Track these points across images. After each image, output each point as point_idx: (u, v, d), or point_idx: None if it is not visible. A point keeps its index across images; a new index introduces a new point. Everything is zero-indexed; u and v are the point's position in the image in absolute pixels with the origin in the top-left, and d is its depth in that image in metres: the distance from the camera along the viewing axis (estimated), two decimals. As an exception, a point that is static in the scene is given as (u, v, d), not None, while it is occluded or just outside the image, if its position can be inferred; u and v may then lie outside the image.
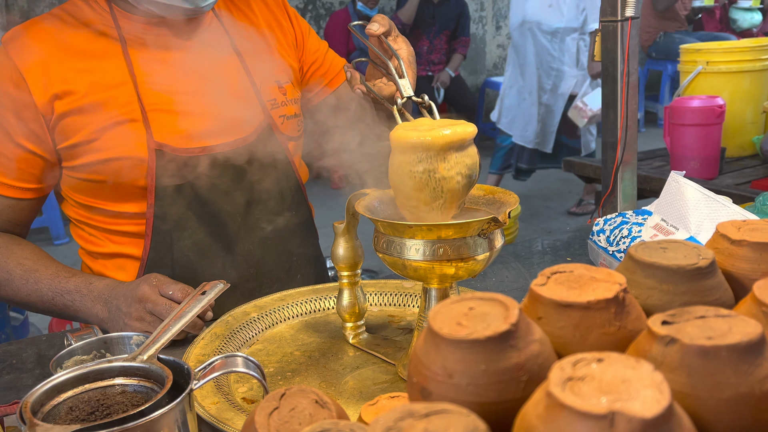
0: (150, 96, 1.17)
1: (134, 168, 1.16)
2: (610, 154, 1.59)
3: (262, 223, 1.28)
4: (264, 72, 1.29)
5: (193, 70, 1.21)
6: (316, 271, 1.42)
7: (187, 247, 1.22)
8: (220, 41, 1.27)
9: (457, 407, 0.40)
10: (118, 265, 1.25)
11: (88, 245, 1.27)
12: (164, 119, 1.17)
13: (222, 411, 0.87)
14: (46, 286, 1.14)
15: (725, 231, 0.60)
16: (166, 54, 1.20)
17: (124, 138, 1.15)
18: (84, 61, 1.16)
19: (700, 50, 2.67)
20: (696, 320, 0.44)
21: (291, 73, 1.35)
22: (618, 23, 1.49)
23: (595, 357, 0.40)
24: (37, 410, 0.65)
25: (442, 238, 0.85)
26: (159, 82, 1.18)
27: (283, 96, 1.31)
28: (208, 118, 1.20)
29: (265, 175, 1.25)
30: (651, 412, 0.35)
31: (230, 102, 1.23)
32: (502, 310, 0.46)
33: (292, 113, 1.32)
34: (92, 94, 1.14)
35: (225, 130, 1.22)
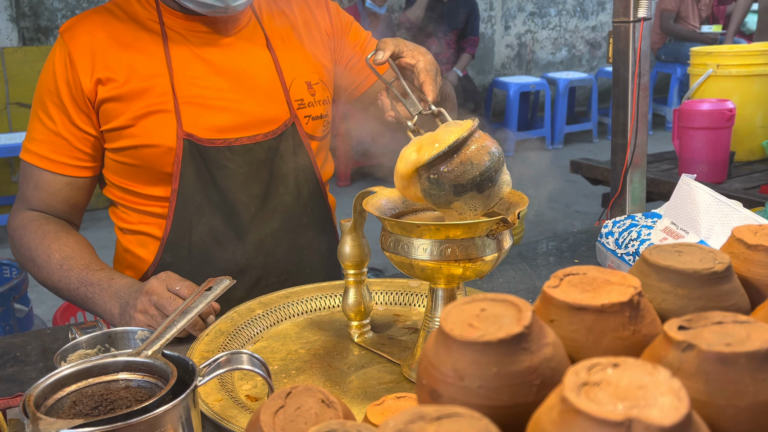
0: (183, 89, 1.23)
1: (163, 155, 1.23)
2: (620, 156, 1.57)
3: (276, 216, 1.32)
4: (295, 72, 1.33)
5: (227, 67, 1.27)
6: (328, 267, 1.45)
7: (204, 231, 1.28)
8: (256, 40, 1.32)
9: (469, 411, 0.39)
10: (140, 242, 1.32)
11: (120, 222, 1.35)
12: (194, 111, 1.24)
13: (226, 408, 0.86)
14: (75, 275, 1.18)
15: (741, 235, 0.59)
16: (203, 50, 1.27)
17: (156, 127, 1.22)
18: (127, 52, 1.23)
19: (711, 53, 2.65)
20: (713, 326, 0.43)
21: (324, 73, 1.38)
22: (630, 24, 1.48)
23: (610, 362, 0.39)
24: (41, 404, 0.65)
25: (450, 238, 0.84)
26: (193, 76, 1.25)
27: (312, 97, 1.35)
28: (235, 113, 1.26)
29: (284, 171, 1.31)
30: (669, 419, 0.34)
31: (258, 99, 1.29)
32: (514, 312, 0.45)
33: (318, 114, 1.36)
34: (131, 83, 1.21)
35: (250, 126, 1.27)
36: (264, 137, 1.28)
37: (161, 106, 1.22)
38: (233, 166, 1.26)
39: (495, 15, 7.32)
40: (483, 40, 7.19)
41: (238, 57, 1.29)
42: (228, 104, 1.26)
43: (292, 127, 1.31)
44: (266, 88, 1.30)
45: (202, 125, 1.24)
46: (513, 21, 7.46)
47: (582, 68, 7.91)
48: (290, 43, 1.35)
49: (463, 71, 5.67)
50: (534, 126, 6.88)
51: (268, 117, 1.29)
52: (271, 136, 1.29)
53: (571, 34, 7.79)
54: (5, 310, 2.36)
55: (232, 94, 1.26)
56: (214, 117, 1.25)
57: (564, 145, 6.83)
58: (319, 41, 1.39)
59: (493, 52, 7.38)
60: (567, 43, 7.81)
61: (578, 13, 7.81)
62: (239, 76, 1.28)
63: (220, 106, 1.25)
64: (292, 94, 1.32)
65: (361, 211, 1.02)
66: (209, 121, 1.24)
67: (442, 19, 5.40)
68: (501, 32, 7.40)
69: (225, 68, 1.27)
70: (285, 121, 1.30)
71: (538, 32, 7.61)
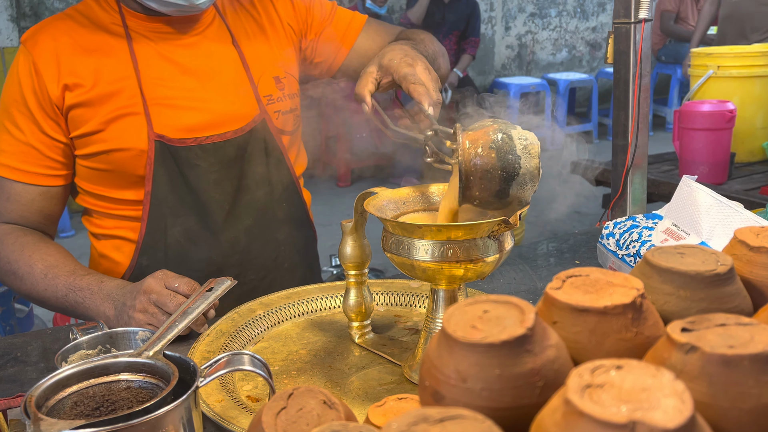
0: (152, 90, 1.23)
1: (135, 158, 1.22)
2: (621, 157, 1.57)
3: (250, 213, 1.32)
4: (262, 68, 1.33)
5: (194, 66, 1.27)
6: (306, 261, 1.45)
7: (179, 232, 1.28)
8: (221, 37, 1.32)
9: (471, 413, 0.39)
10: (115, 246, 1.31)
11: (94, 228, 1.34)
12: (164, 113, 1.23)
13: (227, 409, 0.86)
14: (62, 282, 1.17)
15: (744, 237, 0.59)
16: (169, 51, 1.26)
17: (126, 130, 1.21)
18: (92, 57, 1.22)
19: (711, 54, 2.65)
20: (716, 328, 0.43)
21: (291, 67, 1.39)
22: (631, 25, 1.48)
23: (614, 364, 0.39)
24: (42, 404, 0.65)
25: (452, 239, 0.84)
26: (160, 77, 1.24)
27: (281, 92, 1.35)
28: (205, 112, 1.26)
29: (256, 166, 1.31)
30: (673, 422, 0.34)
31: (227, 97, 1.28)
32: (517, 314, 0.45)
33: (288, 108, 1.36)
34: (98, 88, 1.21)
35: (220, 124, 1.27)
36: (234, 134, 1.28)
37: (130, 109, 1.21)
38: (205, 164, 1.26)
39: (495, 16, 7.32)
40: (483, 40, 7.18)
41: (205, 55, 1.29)
42: (197, 103, 1.26)
43: (262, 123, 1.31)
44: (234, 86, 1.30)
45: (173, 126, 1.23)
46: (513, 22, 7.46)
47: (582, 69, 7.91)
48: (256, 39, 1.35)
49: (464, 72, 5.66)
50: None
51: (238, 114, 1.29)
52: (240, 133, 1.29)
53: (571, 35, 7.79)
54: (5, 310, 2.36)
55: (200, 93, 1.26)
56: (184, 117, 1.24)
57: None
58: (284, 35, 1.39)
59: (494, 52, 7.38)
60: (567, 44, 7.81)
61: (578, 14, 7.81)
62: (207, 75, 1.28)
63: (190, 106, 1.25)
64: (260, 90, 1.32)
65: (362, 211, 1.01)
66: (179, 121, 1.24)
67: (444, 21, 5.40)
68: (501, 33, 7.40)
69: (192, 67, 1.27)
70: (254, 118, 1.30)
71: (539, 33, 7.61)
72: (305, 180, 1.51)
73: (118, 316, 1.10)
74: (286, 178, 1.37)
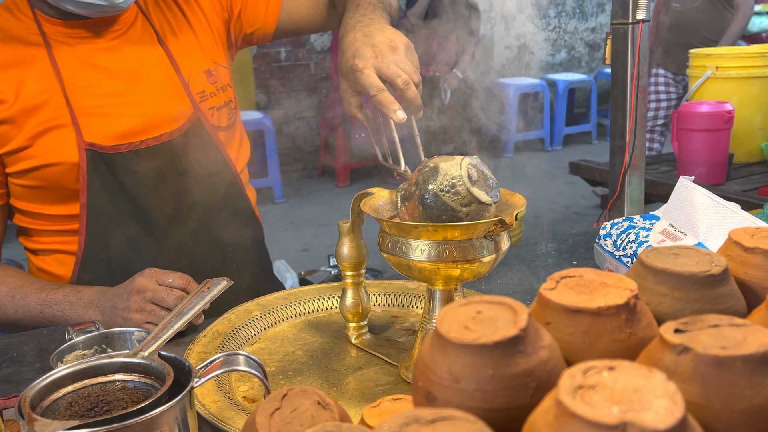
0: (78, 99, 1.18)
1: (67, 172, 1.18)
2: (618, 158, 1.57)
3: (193, 215, 1.29)
4: (192, 63, 1.29)
5: (120, 70, 1.23)
6: (256, 259, 1.42)
7: (121, 242, 1.24)
8: (146, 37, 1.27)
9: (464, 413, 0.39)
10: (56, 260, 1.27)
11: (30, 244, 1.29)
12: (93, 121, 1.19)
13: (222, 410, 0.86)
14: (33, 300, 1.15)
15: (738, 238, 0.59)
16: (92, 56, 1.21)
17: (55, 143, 1.16)
18: (11, 70, 1.17)
19: (710, 55, 2.65)
20: (709, 329, 0.43)
21: (221, 56, 1.34)
22: (629, 26, 1.48)
23: (606, 365, 0.39)
24: (36, 405, 0.65)
25: (448, 240, 0.84)
26: (86, 85, 1.19)
27: (213, 86, 1.31)
28: (136, 117, 1.22)
29: (195, 167, 1.27)
30: (664, 423, 0.34)
31: (158, 98, 1.24)
32: (510, 315, 0.45)
33: (222, 102, 1.32)
34: (21, 102, 1.15)
35: (153, 127, 1.23)
36: (169, 136, 1.24)
37: (57, 121, 1.16)
38: (141, 170, 1.22)
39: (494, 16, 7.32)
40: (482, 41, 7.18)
41: (130, 57, 1.24)
42: (127, 108, 1.21)
43: (198, 121, 1.27)
44: (165, 86, 1.25)
45: (104, 134, 1.19)
46: (512, 22, 7.46)
47: (581, 70, 7.91)
48: (182, 33, 1.30)
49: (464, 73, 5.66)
50: (533, 127, 6.89)
51: (171, 115, 1.24)
52: (176, 134, 1.24)
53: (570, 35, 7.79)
54: (3, 310, 2.35)
55: (129, 97, 1.22)
56: (115, 124, 1.20)
57: (563, 146, 6.83)
58: (207, 23, 1.34)
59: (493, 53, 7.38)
60: (566, 44, 7.82)
61: (577, 15, 7.82)
62: (134, 78, 1.23)
63: (120, 112, 1.21)
64: (192, 87, 1.28)
65: (359, 212, 1.01)
66: (110, 128, 1.19)
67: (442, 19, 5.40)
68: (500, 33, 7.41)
69: (118, 71, 1.22)
70: (189, 117, 1.26)
71: (538, 33, 7.61)
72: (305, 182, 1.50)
73: (108, 320, 1.09)
74: (227, 176, 1.33)
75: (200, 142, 1.27)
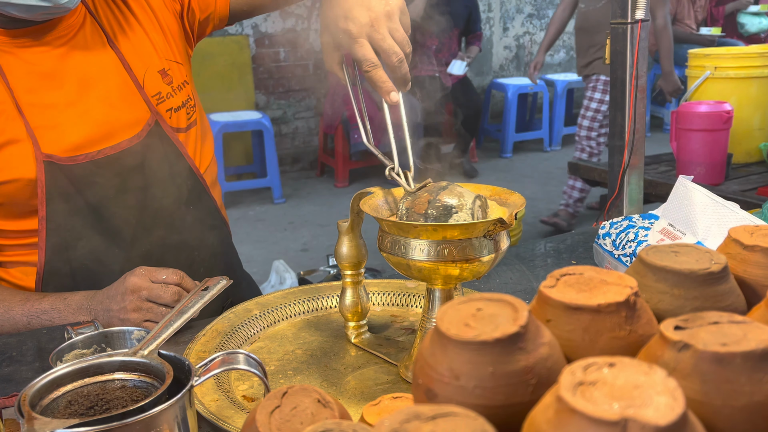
0: (31, 112, 1.14)
1: (24, 188, 1.14)
2: (617, 158, 1.58)
3: (158, 222, 1.26)
4: (145, 64, 1.25)
5: (71, 77, 1.18)
6: (223, 261, 1.40)
7: (84, 255, 1.20)
8: (95, 40, 1.22)
9: (464, 410, 0.39)
10: (21, 271, 1.24)
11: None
12: (49, 134, 1.15)
13: (222, 408, 0.86)
14: (18, 312, 1.13)
15: (738, 236, 0.59)
16: (40, 65, 1.16)
17: (10, 160, 1.13)
18: None
19: (708, 55, 2.66)
20: (709, 326, 0.43)
21: (174, 53, 1.30)
22: (628, 26, 1.48)
23: (606, 362, 0.39)
24: (36, 404, 0.64)
25: (448, 239, 0.84)
26: (38, 96, 1.15)
27: (169, 86, 1.27)
28: (92, 125, 1.18)
29: (156, 173, 1.24)
30: (665, 419, 0.34)
31: (113, 104, 1.20)
32: (510, 312, 0.45)
33: (179, 103, 1.28)
34: None
35: (110, 135, 1.20)
36: (128, 143, 1.20)
37: (12, 135, 1.12)
38: (102, 180, 1.18)
39: (493, 17, 7.33)
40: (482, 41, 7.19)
41: (81, 63, 1.19)
42: (81, 117, 1.17)
43: (156, 125, 1.23)
44: (118, 90, 1.21)
45: (60, 146, 1.15)
46: (511, 23, 7.47)
47: (580, 70, 7.92)
48: (133, 34, 1.25)
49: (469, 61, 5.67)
50: (532, 128, 6.89)
51: (128, 121, 1.21)
52: (135, 141, 1.20)
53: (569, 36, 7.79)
54: (2, 310, 2.35)
55: (84, 106, 1.18)
56: (70, 134, 1.16)
57: (562, 146, 6.84)
58: (156, 19, 1.29)
59: (491, 53, 7.39)
60: (565, 45, 7.82)
61: (576, 15, 7.82)
62: (86, 84, 1.18)
63: (74, 121, 1.16)
64: (147, 90, 1.23)
65: (359, 211, 1.01)
66: (66, 139, 1.15)
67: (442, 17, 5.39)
68: (499, 34, 7.41)
69: (68, 78, 1.17)
70: (147, 121, 1.22)
71: (537, 34, 7.62)
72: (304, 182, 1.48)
73: (102, 323, 1.08)
74: (189, 179, 1.30)
75: (160, 147, 1.23)
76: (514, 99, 6.48)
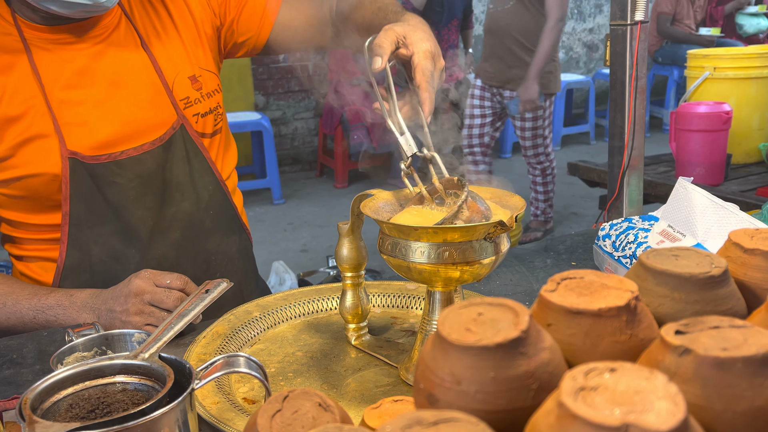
0: (60, 107, 1.16)
1: (49, 183, 1.16)
2: (617, 159, 1.58)
3: (175, 225, 1.27)
4: (176, 69, 1.27)
5: (102, 76, 1.20)
6: (240, 267, 1.40)
7: (104, 253, 1.22)
8: (129, 41, 1.24)
9: (466, 415, 0.39)
10: (40, 266, 1.26)
11: (15, 251, 1.29)
12: (75, 130, 1.17)
13: (223, 411, 0.86)
14: (25, 306, 1.14)
15: (738, 239, 0.59)
16: (74, 62, 1.19)
17: (37, 154, 1.15)
18: None
19: (708, 56, 2.66)
20: (710, 330, 0.43)
21: (207, 62, 1.32)
22: (627, 27, 1.48)
23: (607, 367, 0.39)
24: (37, 407, 0.64)
25: (448, 242, 0.84)
26: (68, 92, 1.17)
27: (198, 92, 1.29)
28: (119, 125, 1.20)
29: (178, 176, 1.26)
30: (666, 424, 0.34)
31: (141, 105, 1.22)
32: (512, 316, 0.45)
33: (207, 109, 1.30)
34: (2, 111, 1.13)
35: (135, 136, 1.21)
36: (151, 145, 1.22)
37: (39, 130, 1.14)
38: (123, 181, 1.20)
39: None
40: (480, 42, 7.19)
41: (113, 63, 1.21)
42: (108, 117, 1.19)
43: (181, 129, 1.25)
44: (147, 92, 1.23)
45: (85, 143, 1.17)
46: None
47: (579, 71, 7.92)
48: (167, 38, 1.27)
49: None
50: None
51: (154, 123, 1.22)
52: (158, 144, 1.22)
53: (568, 36, 7.80)
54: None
55: (111, 105, 1.20)
56: (96, 132, 1.18)
57: (561, 147, 6.84)
58: (196, 29, 1.31)
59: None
60: (564, 45, 7.83)
61: (576, 16, 7.83)
62: (117, 84, 1.21)
63: (101, 120, 1.18)
64: (176, 93, 1.25)
65: (359, 213, 1.01)
66: (92, 137, 1.17)
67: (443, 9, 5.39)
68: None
69: (100, 77, 1.19)
70: (173, 124, 1.24)
71: (536, 34, 7.62)
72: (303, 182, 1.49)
73: (105, 323, 1.08)
74: (211, 184, 1.31)
75: (183, 151, 1.25)
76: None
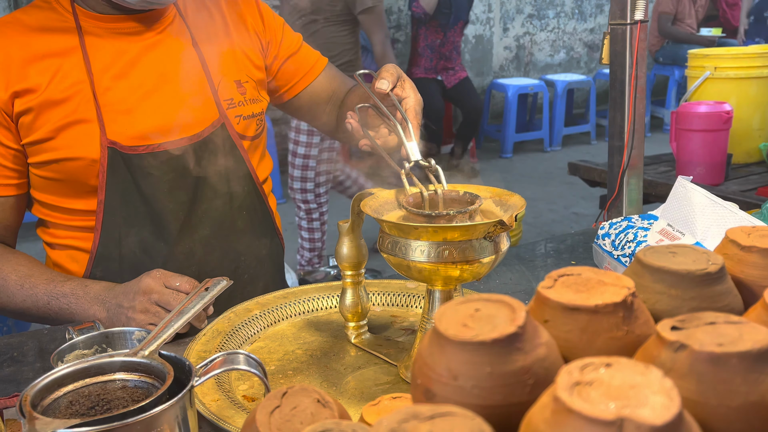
0: (105, 95, 1.19)
1: (87, 168, 1.18)
2: (617, 158, 1.58)
3: (206, 222, 1.28)
4: (223, 71, 1.29)
5: (151, 68, 1.23)
6: (270, 271, 1.41)
7: (134, 243, 1.24)
8: (181, 38, 1.27)
9: (462, 410, 0.39)
10: (70, 256, 1.27)
11: (47, 237, 1.30)
12: (117, 119, 1.19)
13: (222, 408, 0.87)
14: (41, 291, 1.15)
15: (735, 237, 0.59)
16: (126, 52, 1.21)
17: (78, 138, 1.17)
18: (43, 61, 1.17)
19: (708, 56, 2.66)
20: (706, 326, 0.44)
21: (254, 72, 1.35)
22: (627, 26, 1.48)
23: (603, 362, 0.39)
24: (37, 404, 0.65)
25: (448, 240, 0.84)
26: (115, 81, 1.20)
27: (242, 96, 1.31)
28: (161, 117, 1.22)
29: (213, 174, 1.26)
30: (661, 419, 0.34)
31: (184, 100, 1.24)
32: (508, 312, 0.45)
33: (249, 113, 1.32)
34: (49, 93, 1.16)
35: (175, 129, 1.23)
36: (189, 141, 1.23)
37: (82, 115, 1.17)
38: (158, 173, 1.21)
39: (493, 17, 7.33)
40: (481, 42, 7.20)
41: (163, 57, 1.24)
42: (151, 109, 1.21)
43: (222, 127, 1.27)
44: (192, 89, 1.25)
45: (125, 132, 1.19)
46: (511, 23, 7.47)
47: (580, 70, 7.93)
48: (217, 41, 1.30)
49: None
50: (532, 128, 6.89)
51: (195, 119, 1.24)
52: (196, 140, 1.24)
53: (569, 36, 7.80)
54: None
55: (156, 99, 1.22)
56: (137, 123, 1.20)
57: (562, 146, 6.84)
58: (248, 40, 1.35)
59: (492, 54, 7.39)
60: (565, 45, 7.83)
61: (576, 15, 7.83)
62: (164, 78, 1.23)
63: (143, 111, 1.20)
64: (221, 93, 1.27)
65: (359, 212, 1.02)
66: (132, 127, 1.19)
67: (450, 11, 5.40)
68: (499, 34, 7.42)
69: (149, 71, 1.22)
70: (213, 122, 1.26)
71: (537, 34, 7.62)
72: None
73: (112, 318, 1.09)
74: (246, 185, 1.33)
75: (221, 149, 1.27)
76: (514, 99, 6.49)
